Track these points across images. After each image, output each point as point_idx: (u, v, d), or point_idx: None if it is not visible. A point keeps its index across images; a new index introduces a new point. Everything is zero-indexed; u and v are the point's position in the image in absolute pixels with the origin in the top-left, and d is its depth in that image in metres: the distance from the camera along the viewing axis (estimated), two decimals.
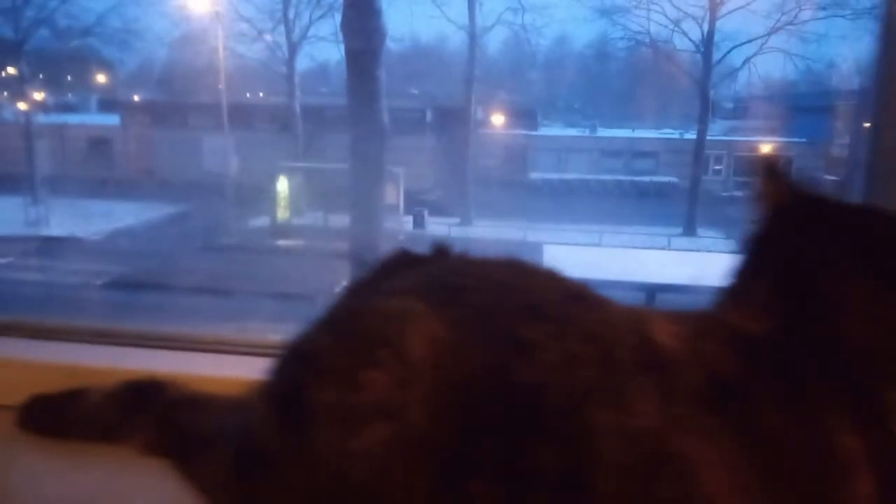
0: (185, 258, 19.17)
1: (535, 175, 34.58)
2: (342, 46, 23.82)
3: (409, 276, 1.15)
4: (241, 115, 28.85)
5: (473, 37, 23.89)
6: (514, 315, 0.96)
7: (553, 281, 1.14)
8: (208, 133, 23.96)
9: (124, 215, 22.51)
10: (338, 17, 23.50)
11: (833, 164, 33.06)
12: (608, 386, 0.88)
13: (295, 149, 25.61)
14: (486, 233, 22.68)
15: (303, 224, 22.52)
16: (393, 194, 15.07)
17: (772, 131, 35.17)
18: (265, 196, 22.34)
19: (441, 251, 1.38)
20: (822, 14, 22.06)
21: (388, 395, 0.86)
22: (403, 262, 1.26)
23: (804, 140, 33.73)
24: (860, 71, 34.06)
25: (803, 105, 34.46)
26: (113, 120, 30.88)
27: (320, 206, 22.40)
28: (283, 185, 22.57)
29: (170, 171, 31.51)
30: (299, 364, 0.98)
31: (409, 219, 22.69)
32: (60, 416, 1.47)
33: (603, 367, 0.89)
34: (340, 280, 17.10)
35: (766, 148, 33.09)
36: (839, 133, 33.29)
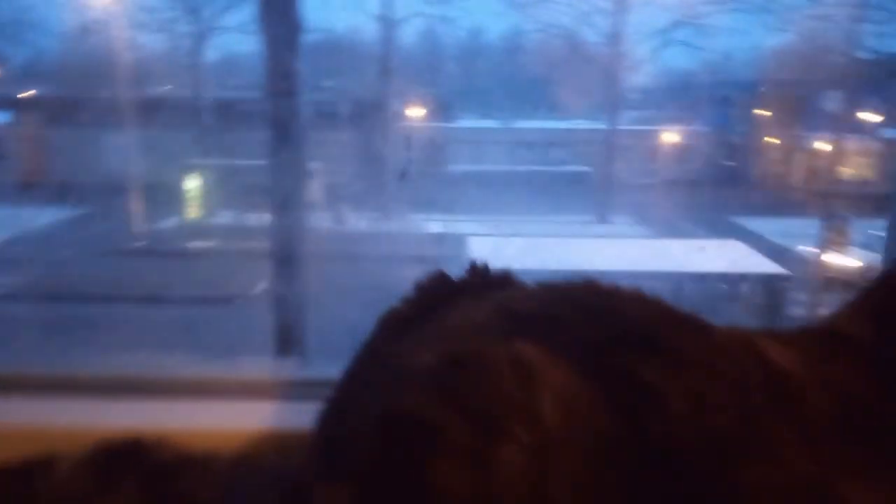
0: (86, 265, 18.02)
1: (453, 167, 34.86)
2: (255, 38, 23.14)
3: (481, 309, 1.00)
4: (146, 111, 27.31)
5: (389, 28, 23.67)
6: (625, 350, 0.87)
7: (639, 301, 1.04)
8: (109, 130, 22.54)
9: (17, 221, 20.91)
10: (248, 7, 22.82)
11: (732, 151, 35.16)
12: (748, 434, 0.79)
13: (205, 145, 24.57)
14: (408, 226, 22.65)
15: (216, 224, 21.67)
16: (311, 190, 14.75)
17: (676, 120, 36.99)
18: (174, 195, 21.32)
19: (498, 276, 1.23)
20: (722, 8, 23.26)
21: (525, 473, 0.75)
22: (448, 289, 1.11)
23: (706, 128, 35.70)
24: (755, 62, 36.30)
25: (705, 95, 36.40)
26: (2, 118, 28.54)
27: (234, 204, 21.60)
28: (192, 183, 21.62)
29: (68, 171, 29.51)
30: (403, 433, 0.82)
31: (329, 215, 22.30)
32: (22, 496, 1.18)
33: (736, 410, 0.81)
34: (259, 281, 16.66)
35: (671, 136, 34.71)
36: (737, 121, 35.44)
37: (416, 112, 33.03)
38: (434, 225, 22.35)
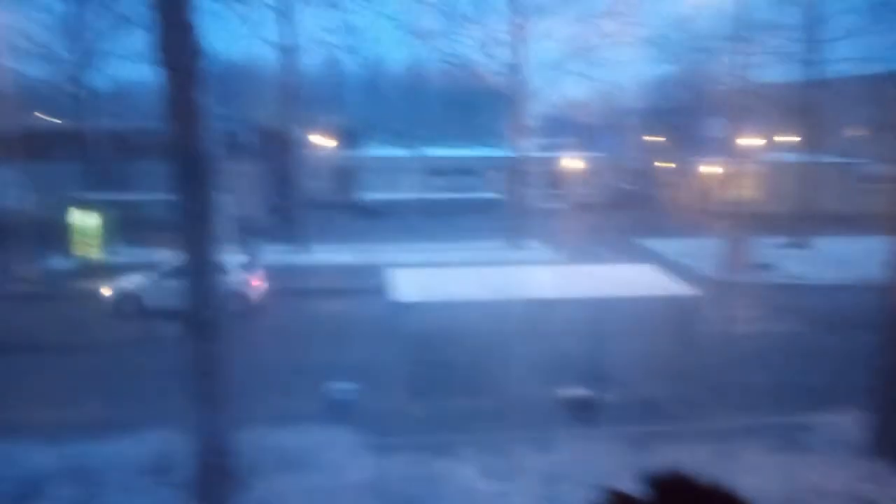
0: None
1: (365, 195, 34.59)
2: (147, 66, 21.99)
3: None
4: (28, 142, 25.30)
5: (290, 57, 23.23)
6: None
7: None
8: None
9: None
10: (139, 34, 21.69)
11: (628, 175, 36.98)
12: None
13: (94, 178, 22.98)
14: (324, 258, 22.01)
15: (113, 262, 20.19)
16: (220, 223, 13.90)
17: (575, 147, 38.65)
18: (61, 233, 19.72)
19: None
20: (611, 41, 24.55)
21: None
22: None
23: (603, 154, 37.51)
24: (643, 92, 38.43)
25: (600, 123, 38.28)
26: None
27: (130, 240, 20.26)
28: (83, 219, 20.08)
29: None
30: None
31: (240, 248, 21.32)
32: None
33: None
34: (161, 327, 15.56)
35: (573, 162, 36.14)
36: (632, 147, 37.37)
37: (323, 141, 32.49)
38: (348, 255, 21.82)
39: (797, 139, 29.81)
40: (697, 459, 8.43)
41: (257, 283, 17.07)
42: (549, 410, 9.73)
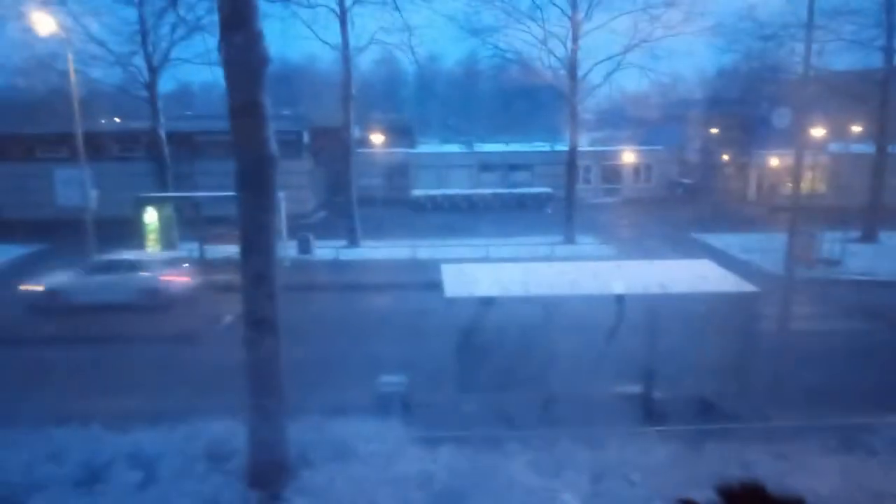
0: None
1: (417, 192, 34.86)
2: (212, 68, 22.84)
3: None
4: (100, 144, 26.64)
5: (347, 56, 23.65)
6: None
7: None
8: (61, 165, 21.83)
9: None
10: (204, 38, 22.51)
11: (686, 168, 36.00)
12: None
13: (162, 177, 23.98)
14: (376, 253, 22.36)
15: (178, 257, 21.07)
16: (279, 220, 14.39)
17: (632, 140, 37.87)
18: (132, 229, 20.67)
19: None
20: (670, 32, 23.93)
21: None
22: None
23: (660, 147, 36.65)
24: (703, 83, 37.30)
25: (657, 115, 37.41)
26: None
27: (195, 237, 21.10)
28: (151, 216, 21.01)
29: (19, 208, 28.52)
30: None
31: (294, 243, 21.91)
32: None
33: None
34: (226, 316, 16.23)
35: (628, 156, 35.47)
36: (691, 140, 36.31)
37: (378, 138, 32.95)
38: (399, 251, 22.11)
39: (867, 130, 28.41)
40: (752, 460, 8.23)
41: (176, 279, 17.57)
42: (602, 407, 9.64)
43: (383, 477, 7.95)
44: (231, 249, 17.16)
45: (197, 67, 24.08)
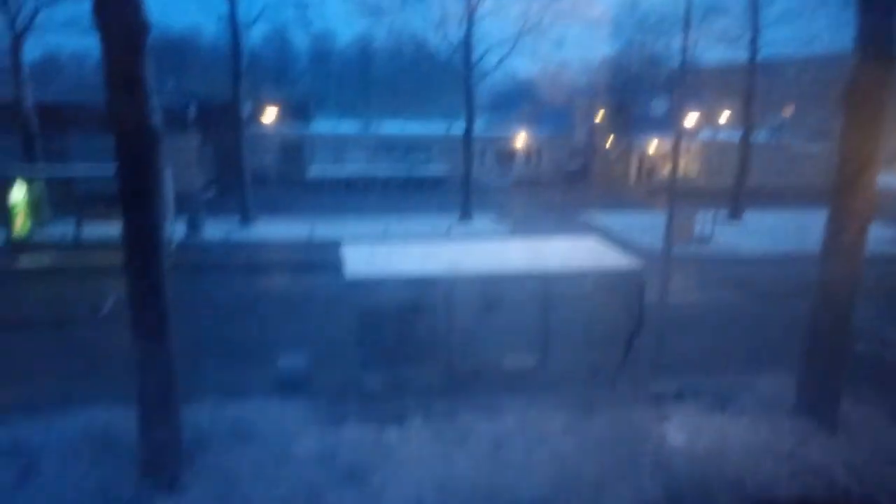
0: None
1: (313, 171, 34.07)
2: (83, 36, 20.98)
3: None
4: None
5: (236, 28, 22.57)
6: None
7: None
8: None
9: None
10: (73, 3, 20.63)
11: (574, 153, 37.59)
12: None
13: (30, 152, 21.96)
14: (269, 234, 21.68)
15: (49, 238, 19.45)
16: (164, 197, 13.56)
17: (523, 124, 38.97)
18: None
19: None
20: (560, 20, 24.77)
21: None
22: None
23: (550, 132, 37.99)
24: (590, 71, 38.94)
25: (547, 100, 38.70)
26: None
27: (68, 215, 19.55)
28: (18, 193, 19.21)
29: None
30: None
31: (182, 224, 20.81)
32: None
33: None
34: (105, 301, 15.16)
35: (521, 140, 36.50)
36: (577, 125, 37.90)
37: (271, 115, 31.83)
38: (293, 231, 21.53)
39: (736, 118, 30.90)
40: (635, 421, 8.90)
41: None
42: (494, 380, 10.03)
43: (285, 456, 7.86)
44: (110, 228, 16.12)
45: (68, 34, 22.18)
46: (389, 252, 11.58)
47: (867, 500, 7.68)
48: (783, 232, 23.14)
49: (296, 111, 34.38)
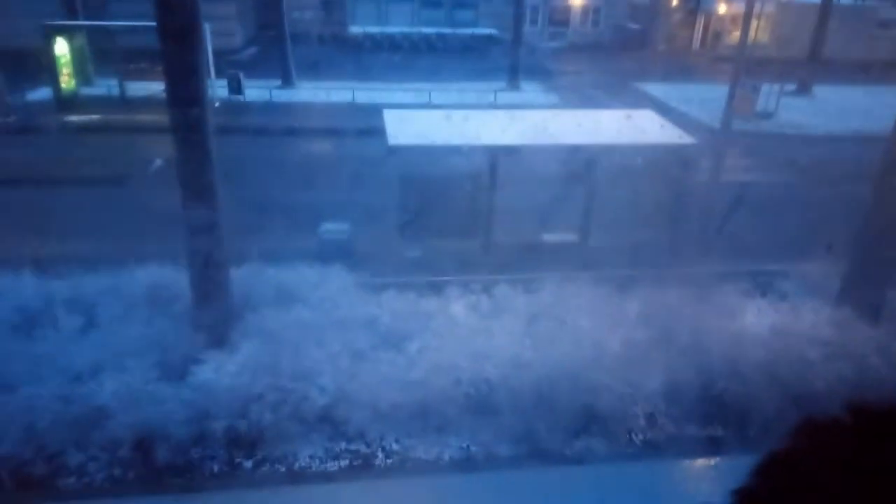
0: None
1: (355, 28, 32.67)
2: None
3: None
4: None
5: None
6: None
7: None
8: None
9: None
10: None
11: (636, 12, 34.89)
12: None
13: (70, 4, 21.50)
14: (312, 95, 21.30)
15: (94, 94, 19.51)
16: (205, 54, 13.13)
17: None
18: (40, 62, 18.80)
19: None
20: None
21: None
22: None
23: None
24: None
25: None
26: None
27: (112, 72, 19.44)
28: (61, 48, 19.06)
29: None
30: None
31: (223, 82, 20.54)
32: None
33: None
34: (154, 159, 15.42)
35: None
36: None
37: None
38: (337, 94, 21.06)
39: None
40: (674, 303, 8.89)
41: None
42: (534, 254, 10.05)
43: (328, 320, 8.20)
44: (155, 86, 15.99)
45: None
46: (432, 119, 11.27)
47: None
48: (854, 110, 21.56)
49: None
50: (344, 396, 7.08)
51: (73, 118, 18.12)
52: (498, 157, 9.84)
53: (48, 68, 18.55)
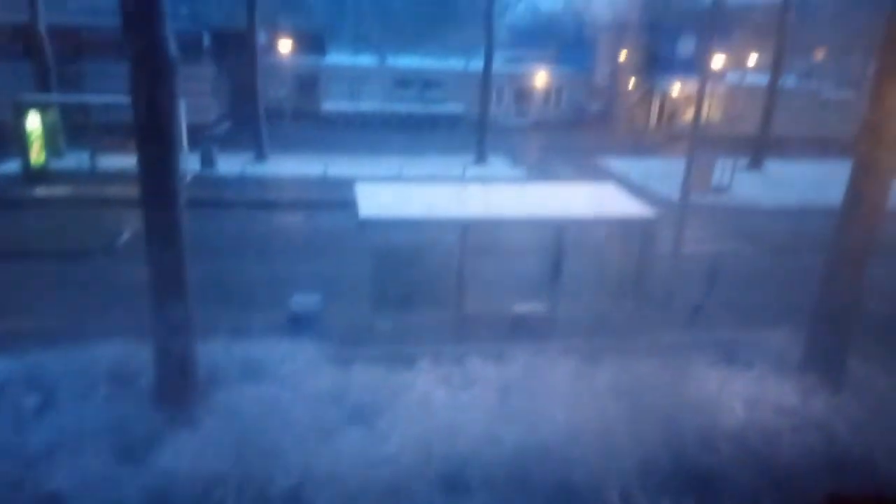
0: None
1: (328, 105, 33.50)
2: None
3: None
4: None
5: None
6: None
7: None
8: None
9: None
10: None
11: (595, 93, 36.61)
12: None
13: (44, 79, 21.70)
14: (284, 169, 21.56)
15: (64, 167, 19.46)
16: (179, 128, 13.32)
17: (544, 60, 37.80)
18: (11, 136, 18.79)
19: None
20: None
21: None
22: None
23: (571, 69, 36.89)
24: (614, 5, 37.47)
25: (570, 36, 37.39)
26: None
27: (83, 145, 19.50)
28: (33, 122, 19.12)
29: None
30: None
31: (196, 156, 20.71)
32: None
33: None
34: (122, 232, 15.29)
35: (540, 78, 35.52)
36: (599, 63, 36.75)
37: (285, 46, 31.10)
38: (307, 167, 21.35)
39: (765, 61, 29.75)
40: (641, 371, 8.98)
41: None
42: (504, 325, 10.13)
43: (296, 395, 8.05)
44: (126, 160, 16.03)
45: None
46: (403, 192, 11.50)
47: (866, 456, 7.79)
48: (804, 183, 22.67)
49: (311, 42, 33.61)
50: (311, 477, 6.87)
51: (41, 191, 17.99)
52: (467, 230, 10.04)
53: (18, 142, 18.54)
